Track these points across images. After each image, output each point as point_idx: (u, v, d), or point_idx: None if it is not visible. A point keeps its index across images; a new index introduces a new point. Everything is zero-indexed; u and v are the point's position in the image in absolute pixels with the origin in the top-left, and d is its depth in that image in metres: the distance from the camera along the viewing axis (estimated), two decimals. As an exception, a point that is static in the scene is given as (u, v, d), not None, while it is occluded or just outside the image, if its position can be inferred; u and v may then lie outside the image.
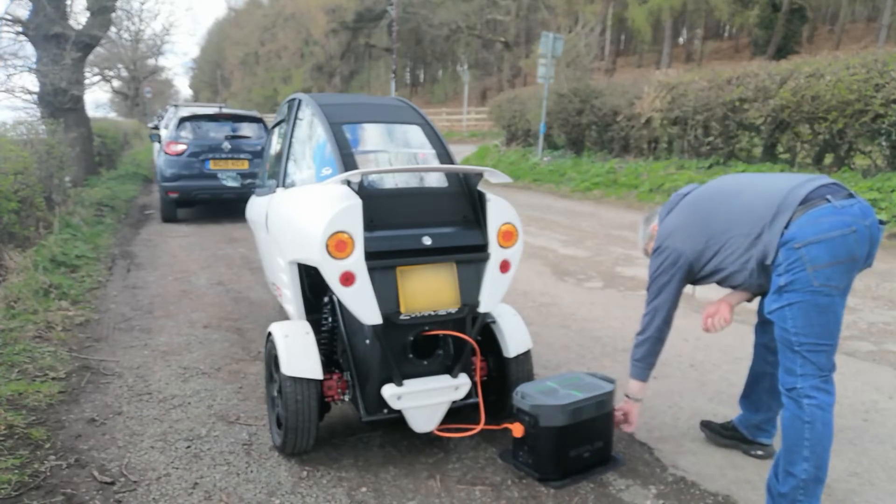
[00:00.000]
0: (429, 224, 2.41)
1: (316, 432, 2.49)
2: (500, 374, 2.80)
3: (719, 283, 2.38)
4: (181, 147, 8.28)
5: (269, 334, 2.62)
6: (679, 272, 2.37)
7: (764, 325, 2.54)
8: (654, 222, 2.61)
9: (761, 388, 2.56)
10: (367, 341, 2.40)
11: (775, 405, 2.55)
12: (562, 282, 5.44)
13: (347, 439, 2.75)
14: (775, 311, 2.10)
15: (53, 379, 3.30)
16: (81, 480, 2.41)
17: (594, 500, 2.31)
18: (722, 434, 2.69)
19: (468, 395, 2.57)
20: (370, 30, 42.25)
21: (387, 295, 2.27)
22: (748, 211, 2.20)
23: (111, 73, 30.58)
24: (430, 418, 2.47)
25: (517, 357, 2.72)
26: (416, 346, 2.43)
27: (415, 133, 2.92)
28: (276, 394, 2.63)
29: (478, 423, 2.55)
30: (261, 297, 5.02)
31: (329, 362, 2.69)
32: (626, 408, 2.59)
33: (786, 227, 2.06)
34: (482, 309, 2.43)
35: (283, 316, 3.94)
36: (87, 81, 14.21)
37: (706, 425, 2.77)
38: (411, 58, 47.15)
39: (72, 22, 11.07)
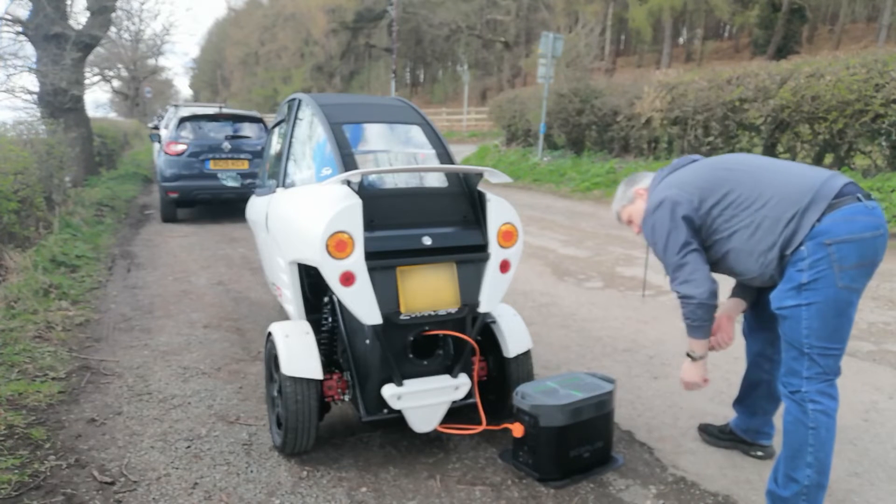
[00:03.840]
0: (429, 224, 2.41)
1: (316, 432, 2.49)
2: (500, 374, 2.80)
3: (723, 267, 2.23)
4: (181, 147, 8.29)
5: (269, 334, 2.62)
6: (685, 223, 2.15)
7: (755, 334, 2.49)
8: (640, 184, 2.43)
9: (758, 394, 2.53)
10: (367, 341, 2.40)
11: (772, 407, 2.53)
12: (562, 282, 5.44)
13: (347, 439, 2.75)
14: (789, 308, 1.99)
15: (53, 379, 3.30)
16: (81, 480, 2.41)
17: (594, 500, 2.31)
18: (720, 438, 2.68)
19: (468, 395, 2.57)
20: (370, 30, 42.28)
21: (387, 295, 2.27)
22: (781, 193, 2.03)
23: (111, 73, 30.54)
24: (429, 418, 2.47)
25: (517, 357, 2.72)
26: (416, 346, 2.43)
27: (415, 133, 2.92)
28: (276, 394, 2.63)
29: (478, 422, 2.55)
30: (261, 297, 5.02)
31: (329, 362, 2.69)
32: (692, 370, 2.30)
33: (817, 220, 1.95)
34: (482, 309, 2.43)
35: (283, 316, 3.94)
36: (87, 81, 14.20)
37: (704, 429, 2.76)
38: (411, 58, 47.14)
39: (72, 22, 11.07)
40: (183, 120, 8.58)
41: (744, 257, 2.12)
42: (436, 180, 2.60)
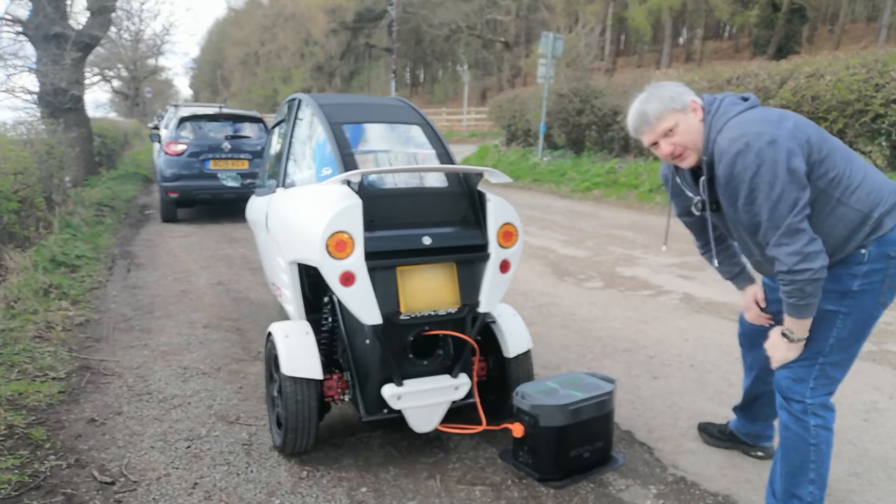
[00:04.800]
0: (429, 224, 2.41)
1: (316, 432, 2.49)
2: (500, 374, 2.80)
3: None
4: (181, 147, 8.29)
5: (269, 334, 2.62)
6: (803, 178, 1.74)
7: (760, 349, 2.31)
8: (691, 95, 1.95)
9: (761, 402, 2.49)
10: (367, 341, 2.40)
11: (773, 412, 2.48)
12: (562, 282, 5.44)
13: (347, 439, 2.75)
14: (826, 311, 1.87)
15: (53, 379, 3.30)
16: (81, 480, 2.41)
17: (594, 500, 2.31)
18: (720, 439, 2.67)
19: (468, 395, 2.57)
20: (370, 30, 42.28)
21: (387, 295, 2.27)
22: (872, 184, 1.83)
23: (111, 73, 30.57)
24: (429, 418, 2.47)
25: (517, 357, 2.72)
26: (416, 346, 2.43)
27: (415, 133, 2.92)
28: (276, 394, 2.63)
29: (478, 422, 2.55)
30: (261, 297, 5.02)
31: (329, 362, 2.69)
32: (789, 350, 1.94)
33: (891, 228, 1.82)
34: (482, 309, 2.43)
35: (283, 316, 3.94)
36: (87, 81, 14.21)
37: (703, 429, 2.75)
38: (411, 58, 47.14)
39: (72, 22, 11.08)
40: (183, 120, 8.58)
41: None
42: (436, 180, 2.60)
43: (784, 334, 1.93)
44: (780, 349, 1.96)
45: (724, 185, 1.85)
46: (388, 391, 2.37)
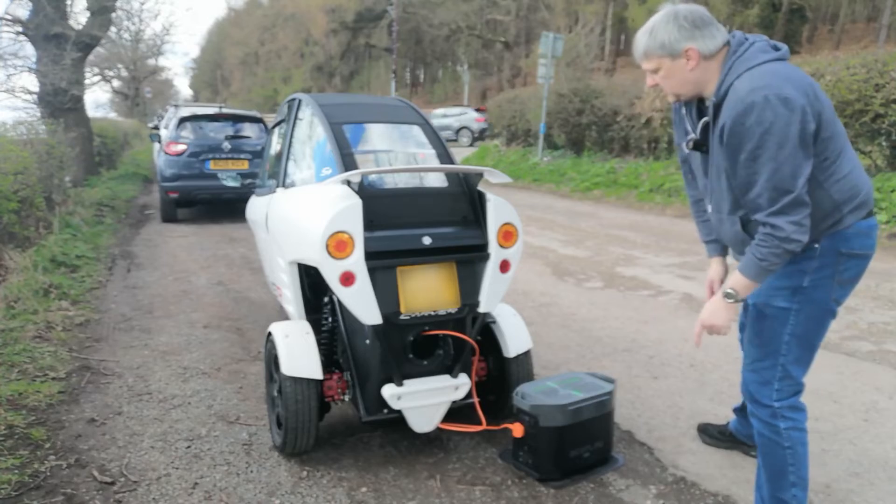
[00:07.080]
0: (429, 224, 2.41)
1: (316, 432, 2.49)
2: (500, 374, 2.79)
3: (749, 229, 1.89)
4: (181, 147, 8.29)
5: (269, 334, 2.62)
6: (806, 139, 1.65)
7: None
8: (693, 41, 1.77)
9: None
10: (367, 341, 2.40)
11: None
12: (562, 282, 5.44)
13: (347, 439, 2.75)
14: (778, 309, 1.87)
15: (53, 379, 3.30)
16: (81, 480, 2.41)
17: (594, 500, 2.31)
18: (719, 439, 2.67)
19: (468, 395, 2.57)
20: (370, 30, 42.34)
21: (387, 295, 2.27)
22: (856, 175, 1.79)
23: (111, 73, 30.57)
24: (429, 418, 2.47)
25: (517, 357, 2.72)
26: (416, 346, 2.43)
27: (415, 133, 2.93)
28: (276, 394, 2.63)
29: (478, 422, 2.55)
30: (261, 297, 5.02)
31: (329, 362, 2.69)
32: (726, 313, 1.87)
33: (851, 225, 1.79)
34: (482, 309, 2.43)
35: (283, 316, 3.94)
36: (87, 81, 14.22)
37: (703, 430, 2.74)
38: (411, 58, 47.18)
39: (72, 22, 11.08)
40: (183, 120, 8.58)
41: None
42: (436, 180, 2.60)
43: (728, 294, 1.83)
44: (717, 312, 1.87)
45: (728, 134, 1.71)
46: (388, 391, 2.37)
